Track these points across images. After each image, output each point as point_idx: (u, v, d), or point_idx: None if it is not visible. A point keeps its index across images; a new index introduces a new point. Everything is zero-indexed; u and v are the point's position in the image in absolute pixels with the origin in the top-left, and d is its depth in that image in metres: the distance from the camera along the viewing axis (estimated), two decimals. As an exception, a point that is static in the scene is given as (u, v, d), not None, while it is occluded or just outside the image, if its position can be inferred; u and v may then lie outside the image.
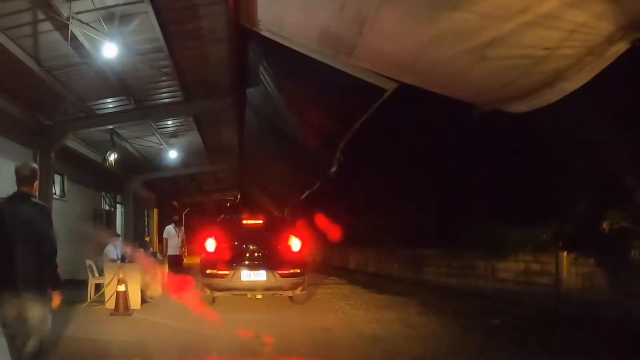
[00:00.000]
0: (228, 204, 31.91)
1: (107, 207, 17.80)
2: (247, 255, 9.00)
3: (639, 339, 5.32)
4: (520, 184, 9.60)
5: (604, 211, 7.30)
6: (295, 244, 9.19)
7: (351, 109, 7.72)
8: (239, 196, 29.51)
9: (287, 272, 8.74)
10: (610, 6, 4.15)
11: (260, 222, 9.86)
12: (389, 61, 5.91)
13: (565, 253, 7.82)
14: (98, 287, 9.23)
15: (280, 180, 15.25)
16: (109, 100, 9.71)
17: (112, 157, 11.49)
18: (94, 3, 6.26)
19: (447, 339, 6.32)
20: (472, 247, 10.32)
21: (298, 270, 8.89)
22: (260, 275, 8.68)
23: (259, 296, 9.10)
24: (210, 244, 9.07)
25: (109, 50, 6.99)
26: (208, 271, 8.80)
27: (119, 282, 8.41)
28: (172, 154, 13.74)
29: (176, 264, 11.92)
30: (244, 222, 9.81)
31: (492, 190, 10.48)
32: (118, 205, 18.70)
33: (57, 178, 12.64)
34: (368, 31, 5.20)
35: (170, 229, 12.54)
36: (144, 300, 9.15)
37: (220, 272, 8.70)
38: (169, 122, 12.18)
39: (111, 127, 10.51)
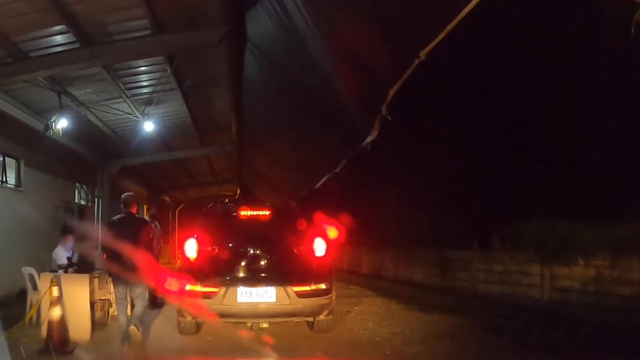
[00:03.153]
0: (227, 200, 29.30)
1: (82, 201, 15.21)
2: (247, 263, 6.18)
3: None
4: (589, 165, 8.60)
5: None
6: (319, 245, 6.30)
7: (414, 29, 4.73)
8: (238, 191, 26.96)
9: (307, 288, 6.01)
10: None
11: (267, 213, 6.86)
12: None
13: (656, 256, 6.91)
14: (41, 303, 7.14)
15: (288, 166, 12.51)
16: (44, 32, 6.63)
17: (60, 123, 8.42)
18: None
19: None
20: (520, 248, 9.04)
21: (324, 286, 6.14)
22: (266, 294, 5.95)
23: (265, 325, 6.23)
24: (191, 248, 6.22)
25: None
26: (188, 287, 6.09)
27: (52, 303, 5.89)
28: (150, 127, 10.75)
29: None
30: (242, 213, 6.81)
31: (550, 175, 9.45)
32: (99, 200, 15.79)
33: (10, 162, 10.76)
34: None
35: (143, 224, 9.80)
36: (100, 325, 7.05)
37: (205, 289, 5.97)
38: (142, 80, 9.07)
39: (49, 72, 7.37)
